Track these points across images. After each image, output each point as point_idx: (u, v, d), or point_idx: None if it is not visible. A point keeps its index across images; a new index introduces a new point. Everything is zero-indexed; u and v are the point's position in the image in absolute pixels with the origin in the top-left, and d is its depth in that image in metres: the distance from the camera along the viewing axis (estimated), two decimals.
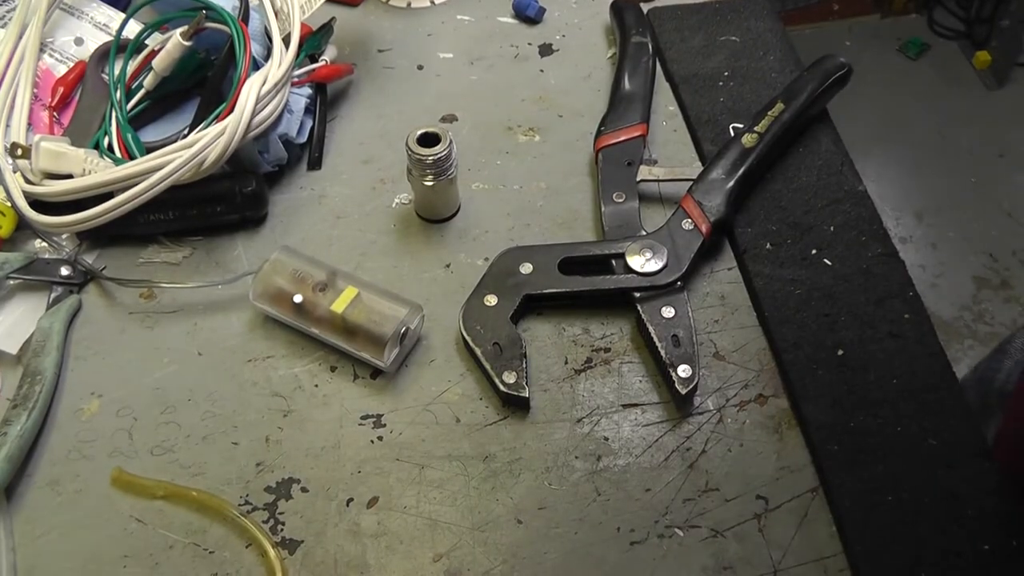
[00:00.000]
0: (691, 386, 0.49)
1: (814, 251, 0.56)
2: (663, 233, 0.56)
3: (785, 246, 0.56)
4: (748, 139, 0.59)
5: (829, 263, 0.55)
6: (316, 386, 0.52)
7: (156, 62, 0.59)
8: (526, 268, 0.55)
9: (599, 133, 0.62)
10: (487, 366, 0.51)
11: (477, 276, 0.55)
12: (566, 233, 0.59)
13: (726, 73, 0.67)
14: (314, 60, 0.64)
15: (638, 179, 0.59)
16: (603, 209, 0.58)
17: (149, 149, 0.57)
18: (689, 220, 0.56)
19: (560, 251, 0.56)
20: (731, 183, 0.57)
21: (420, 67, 0.70)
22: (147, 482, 0.49)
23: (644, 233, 0.56)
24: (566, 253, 0.55)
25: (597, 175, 0.60)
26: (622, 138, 0.61)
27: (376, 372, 0.53)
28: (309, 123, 0.63)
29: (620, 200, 0.58)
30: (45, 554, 0.47)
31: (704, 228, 0.55)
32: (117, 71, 0.60)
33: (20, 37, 0.63)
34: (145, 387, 0.53)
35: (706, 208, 0.56)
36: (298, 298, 0.52)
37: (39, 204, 0.56)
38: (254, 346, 0.54)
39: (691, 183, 0.58)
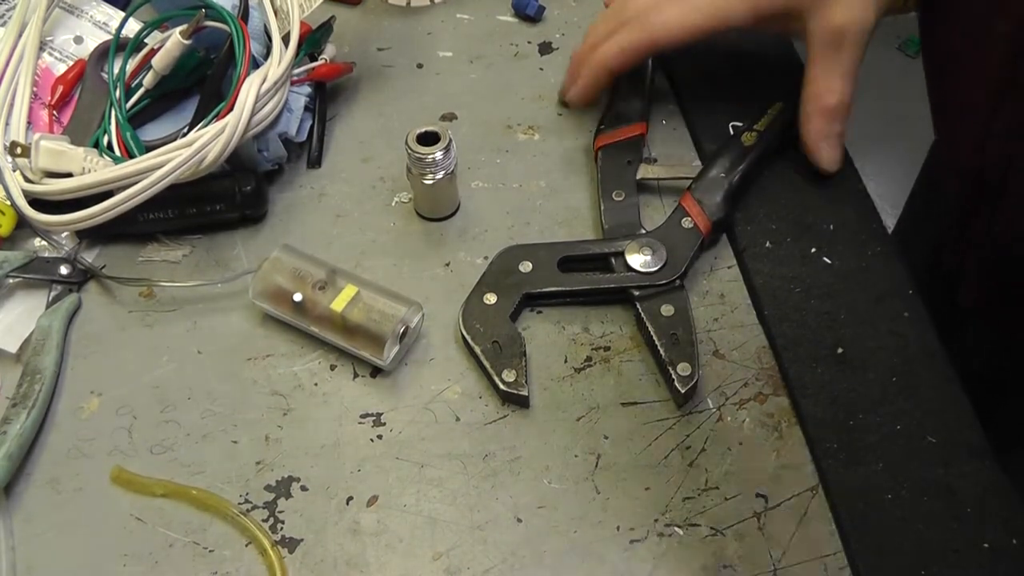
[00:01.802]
0: (690, 384, 0.49)
1: (813, 249, 0.56)
2: (662, 231, 0.56)
3: (785, 244, 0.56)
4: (748, 137, 0.59)
5: (828, 261, 0.55)
6: (316, 385, 0.52)
7: (155, 61, 0.59)
8: (526, 266, 0.55)
9: (598, 132, 0.62)
10: (486, 364, 0.51)
11: (477, 274, 0.55)
12: (565, 231, 0.59)
13: (726, 71, 0.67)
14: (313, 59, 0.64)
15: (638, 177, 0.59)
16: (602, 207, 0.58)
17: (148, 148, 0.57)
18: (689, 218, 0.56)
19: (560, 249, 0.56)
20: (731, 181, 0.57)
21: (420, 66, 0.70)
22: (147, 480, 0.49)
23: (643, 231, 0.56)
24: (566, 251, 0.55)
25: (596, 174, 0.60)
26: (621, 137, 0.61)
27: (376, 371, 0.53)
28: (309, 121, 0.63)
29: (619, 198, 0.58)
30: (44, 552, 0.47)
31: (704, 226, 0.55)
32: (116, 70, 0.60)
33: (19, 35, 0.63)
34: (145, 385, 0.53)
35: (706, 206, 0.56)
36: (298, 296, 0.52)
37: (38, 203, 0.56)
38: (254, 345, 0.54)
39: (691, 181, 0.58)
